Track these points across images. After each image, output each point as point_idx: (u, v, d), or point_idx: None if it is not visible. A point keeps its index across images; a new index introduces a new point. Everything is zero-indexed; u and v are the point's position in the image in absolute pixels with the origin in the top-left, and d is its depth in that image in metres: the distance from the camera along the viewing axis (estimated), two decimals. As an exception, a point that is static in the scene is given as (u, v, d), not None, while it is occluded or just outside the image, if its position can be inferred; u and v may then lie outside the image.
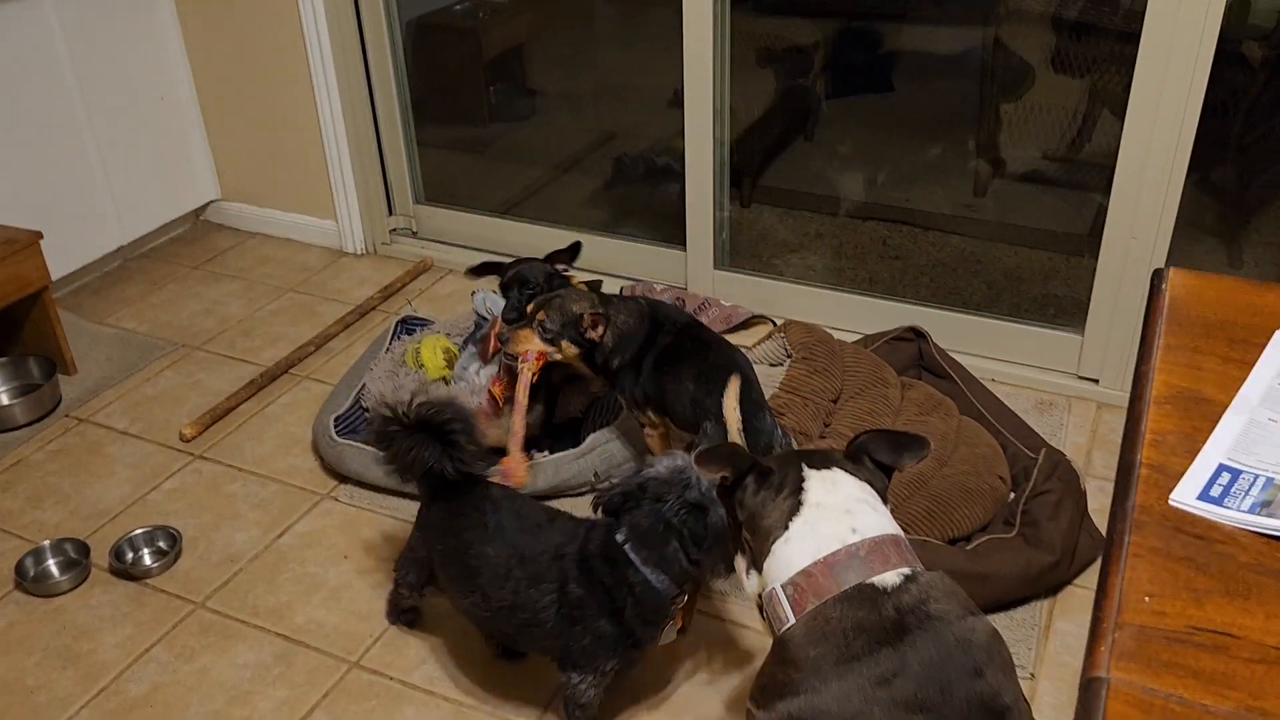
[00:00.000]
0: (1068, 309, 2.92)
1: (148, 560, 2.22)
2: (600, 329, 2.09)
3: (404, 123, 3.26)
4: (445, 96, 3.81)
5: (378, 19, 3.10)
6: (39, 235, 2.61)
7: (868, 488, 1.35)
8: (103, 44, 3.04)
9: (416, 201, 3.35)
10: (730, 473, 1.37)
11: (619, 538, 1.68)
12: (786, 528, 1.30)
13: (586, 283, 2.38)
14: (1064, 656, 1.93)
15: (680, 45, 2.75)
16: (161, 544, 2.24)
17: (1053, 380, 2.64)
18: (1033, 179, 3.46)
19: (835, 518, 1.29)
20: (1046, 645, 1.95)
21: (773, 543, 1.30)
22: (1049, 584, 2.04)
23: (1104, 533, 2.15)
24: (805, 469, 1.35)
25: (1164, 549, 0.91)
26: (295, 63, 3.12)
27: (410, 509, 2.28)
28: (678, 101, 3.65)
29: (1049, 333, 2.66)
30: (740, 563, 1.40)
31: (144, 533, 2.25)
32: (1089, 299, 2.57)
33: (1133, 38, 3.02)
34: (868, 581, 1.23)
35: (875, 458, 1.39)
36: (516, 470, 2.18)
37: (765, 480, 1.35)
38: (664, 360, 2.09)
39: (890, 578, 1.24)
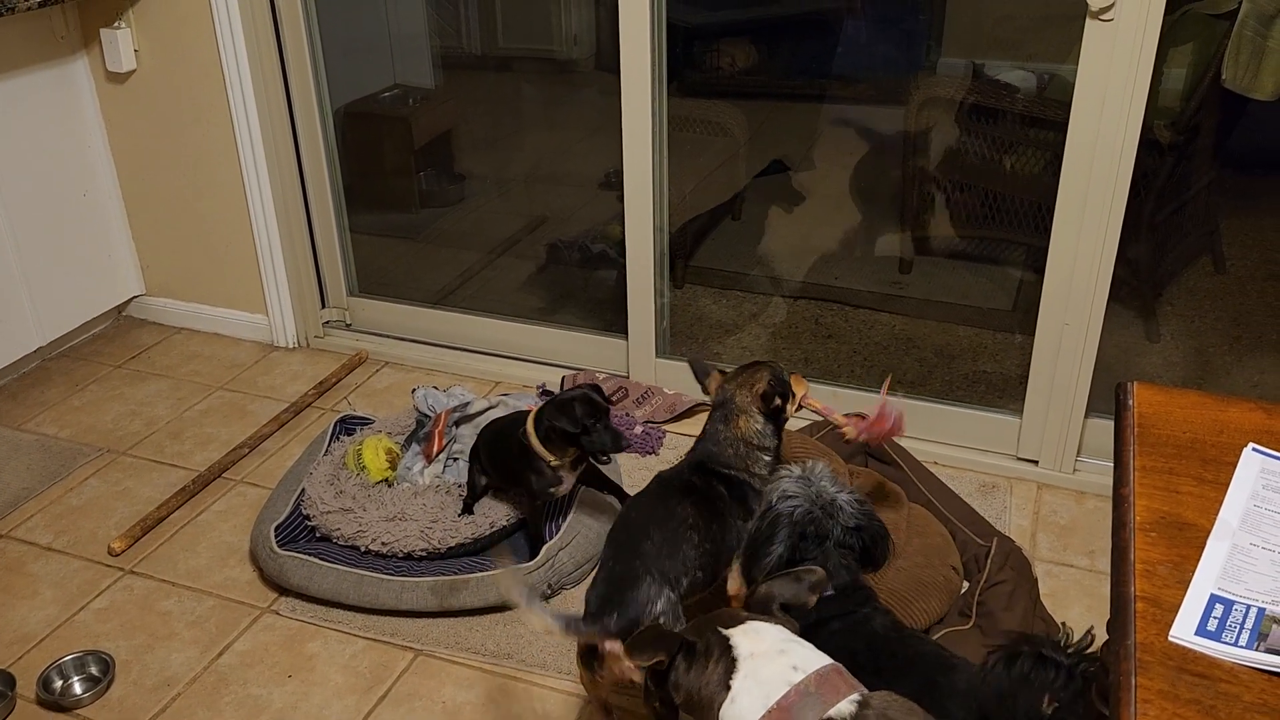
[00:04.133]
0: (998, 385, 2.98)
1: (78, 689, 2.10)
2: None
3: (337, 213, 3.21)
4: (375, 184, 3.79)
5: (309, 107, 3.06)
6: (-44, 344, 2.50)
7: (786, 630, 1.35)
8: (22, 139, 2.95)
9: (350, 293, 3.30)
10: (665, 655, 1.34)
11: None
12: (728, 688, 1.27)
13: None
14: (1028, 750, 1.93)
15: (607, 129, 2.76)
16: (93, 670, 2.12)
17: (993, 462, 2.68)
18: (955, 255, 3.56)
19: (772, 661, 1.28)
20: (1010, 739, 1.95)
21: (719, 710, 1.27)
22: (1008, 676, 2.05)
23: (1060, 623, 2.18)
24: (721, 630, 1.33)
25: (1171, 691, 0.91)
26: (224, 154, 3.05)
27: (360, 621, 2.21)
28: (607, 184, 3.67)
29: (988, 415, 2.71)
30: None
31: (74, 659, 2.13)
32: (1018, 376, 2.62)
33: (1044, 122, 3.15)
34: (825, 718, 1.22)
35: (781, 602, 1.40)
36: None
37: (692, 653, 1.33)
38: None
39: (845, 707, 1.23)
